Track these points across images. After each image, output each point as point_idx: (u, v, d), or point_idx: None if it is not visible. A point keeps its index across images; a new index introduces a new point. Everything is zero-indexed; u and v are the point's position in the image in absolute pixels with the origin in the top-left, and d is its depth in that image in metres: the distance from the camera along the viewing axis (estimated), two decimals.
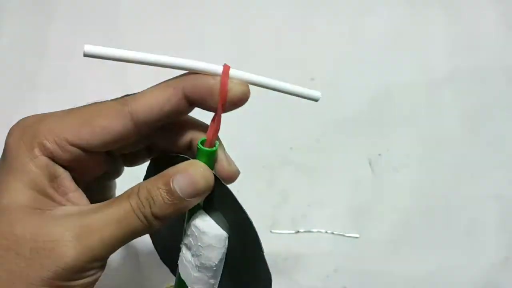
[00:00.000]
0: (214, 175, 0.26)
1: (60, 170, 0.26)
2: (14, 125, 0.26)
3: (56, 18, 0.58)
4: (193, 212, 0.27)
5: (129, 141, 0.27)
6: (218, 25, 0.58)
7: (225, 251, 0.27)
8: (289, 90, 0.27)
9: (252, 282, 0.27)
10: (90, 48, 0.25)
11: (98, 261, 0.24)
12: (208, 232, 0.26)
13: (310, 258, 0.46)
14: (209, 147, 0.26)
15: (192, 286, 0.28)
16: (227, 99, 0.25)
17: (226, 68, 0.25)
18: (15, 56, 0.56)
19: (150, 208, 0.24)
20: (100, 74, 0.52)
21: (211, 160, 0.26)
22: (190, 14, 0.58)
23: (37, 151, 0.25)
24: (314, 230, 0.47)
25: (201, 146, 0.26)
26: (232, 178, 0.28)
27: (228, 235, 0.27)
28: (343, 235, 0.46)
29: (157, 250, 0.35)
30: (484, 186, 0.50)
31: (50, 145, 0.25)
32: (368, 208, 0.48)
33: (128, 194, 0.25)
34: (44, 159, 0.25)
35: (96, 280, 0.25)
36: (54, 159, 0.25)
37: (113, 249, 0.25)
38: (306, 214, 0.48)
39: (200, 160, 0.26)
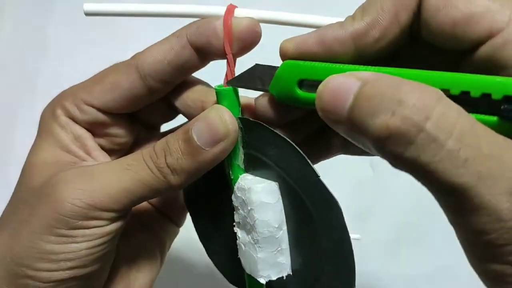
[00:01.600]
0: (244, 118, 0.23)
1: (82, 131, 0.26)
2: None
3: (56, 18, 0.58)
4: (235, 181, 0.24)
5: (140, 97, 0.25)
6: None
7: (282, 209, 0.23)
8: (307, 23, 0.24)
9: (322, 224, 0.22)
10: (89, 7, 0.25)
11: (102, 211, 0.23)
12: (254, 187, 0.23)
13: None
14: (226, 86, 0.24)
15: (260, 274, 0.23)
16: (234, 37, 0.23)
17: (230, 6, 0.24)
18: (15, 56, 0.56)
19: (165, 159, 0.23)
20: None
21: (233, 102, 0.24)
22: None
23: (59, 112, 0.26)
24: None
25: (218, 87, 0.24)
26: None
27: (278, 183, 0.23)
28: None
29: (221, 271, 0.30)
30: None
31: (69, 106, 0.26)
32: (369, 209, 0.48)
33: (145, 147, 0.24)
34: (65, 119, 0.26)
35: (105, 235, 0.23)
36: (74, 119, 0.26)
37: (121, 201, 0.23)
38: None
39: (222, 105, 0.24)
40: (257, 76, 0.23)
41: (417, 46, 0.21)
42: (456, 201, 0.17)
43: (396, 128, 0.17)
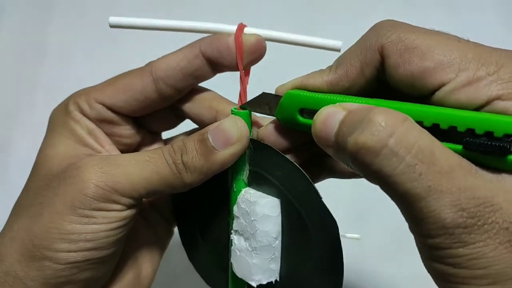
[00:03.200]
0: (255, 139, 0.26)
1: (93, 126, 0.28)
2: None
3: (56, 18, 0.58)
4: (238, 193, 0.27)
5: (150, 100, 0.28)
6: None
7: (280, 222, 0.26)
8: (307, 42, 0.27)
9: (318, 238, 0.25)
10: (114, 20, 0.28)
11: (122, 196, 0.24)
12: (259, 201, 0.26)
13: None
14: (240, 109, 0.27)
15: (252, 278, 0.26)
16: (243, 50, 0.26)
17: (241, 25, 0.27)
18: (15, 56, 0.56)
19: (182, 156, 0.25)
20: (100, 73, 0.52)
21: (247, 123, 0.26)
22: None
23: (72, 108, 0.28)
24: None
25: (234, 109, 0.27)
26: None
27: (280, 200, 0.26)
28: (344, 236, 0.46)
29: (202, 276, 0.33)
30: None
31: (81, 102, 0.28)
32: (369, 209, 0.48)
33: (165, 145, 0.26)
34: (78, 114, 0.28)
35: (122, 219, 0.25)
36: (85, 115, 0.28)
37: (139, 189, 0.24)
38: None
39: None
40: (265, 103, 0.26)
41: (386, 90, 0.24)
42: (411, 209, 0.19)
43: (363, 143, 0.20)
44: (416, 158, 0.19)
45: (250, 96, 0.27)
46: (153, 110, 0.29)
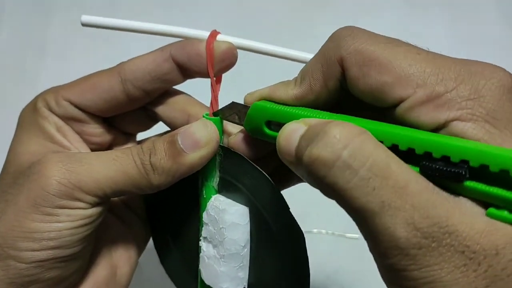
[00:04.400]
0: (226, 147, 0.26)
1: (62, 123, 0.28)
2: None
3: (56, 18, 0.58)
4: (208, 200, 0.27)
5: (118, 101, 0.27)
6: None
7: (249, 231, 0.26)
8: (280, 54, 0.27)
9: (285, 248, 0.25)
10: (86, 19, 0.28)
11: (87, 194, 0.24)
12: (228, 209, 0.25)
13: (310, 259, 0.45)
14: (212, 116, 0.26)
15: (220, 286, 0.26)
16: (214, 56, 0.26)
17: (214, 32, 0.27)
18: (15, 56, 0.56)
19: (150, 157, 0.24)
20: None
21: (218, 130, 0.26)
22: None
23: (40, 105, 0.27)
24: (315, 230, 0.47)
25: (206, 115, 0.26)
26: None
27: (249, 208, 0.26)
28: (344, 236, 0.46)
29: (173, 281, 0.32)
30: None
31: (49, 100, 0.27)
32: None
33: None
34: (46, 111, 0.27)
35: (86, 217, 0.24)
36: (53, 112, 0.27)
37: (104, 188, 0.24)
38: (306, 214, 0.48)
39: None
40: (235, 112, 0.26)
41: (353, 101, 0.24)
42: (367, 226, 0.19)
43: (317, 155, 0.19)
44: (370, 172, 0.18)
45: (222, 102, 0.27)
46: (122, 111, 0.28)
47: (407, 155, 0.20)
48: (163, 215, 0.31)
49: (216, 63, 0.26)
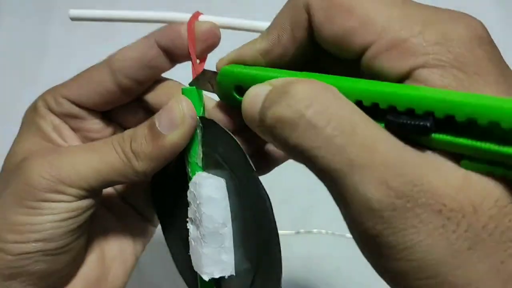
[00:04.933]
0: (203, 117, 0.25)
1: (59, 120, 0.28)
2: None
3: (56, 18, 0.58)
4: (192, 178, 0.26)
5: (110, 93, 0.27)
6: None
7: (228, 206, 0.24)
8: (255, 27, 0.26)
9: (253, 213, 0.23)
10: (74, 13, 0.28)
11: (69, 186, 0.24)
12: (203, 182, 0.24)
13: (311, 259, 0.46)
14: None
15: (204, 271, 0.24)
16: (195, 37, 0.25)
17: (196, 13, 0.27)
18: (15, 56, 0.56)
19: (131, 144, 0.24)
20: None
21: (195, 101, 0.25)
22: None
23: (39, 104, 0.28)
24: (315, 230, 0.47)
25: (183, 88, 0.26)
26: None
27: (225, 181, 0.24)
28: (344, 236, 0.46)
29: (181, 275, 0.31)
30: None
31: (48, 99, 0.28)
32: None
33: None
34: (44, 110, 0.28)
35: (70, 210, 0.24)
36: (51, 111, 0.28)
37: (88, 180, 0.24)
38: (306, 214, 0.48)
39: None
40: (207, 80, 0.25)
41: (322, 55, 0.22)
42: (337, 189, 0.18)
43: (280, 114, 0.18)
44: (335, 130, 0.17)
45: None
46: (117, 104, 0.28)
47: (373, 111, 0.18)
48: (167, 200, 0.30)
49: (198, 44, 0.26)
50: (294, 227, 0.47)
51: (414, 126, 0.17)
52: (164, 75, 0.28)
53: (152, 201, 0.31)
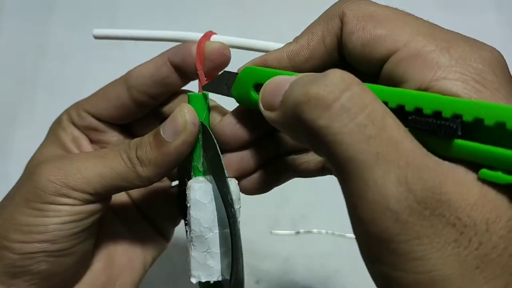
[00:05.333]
0: (202, 123, 0.25)
1: (79, 133, 0.30)
2: None
3: (56, 18, 0.58)
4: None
5: (126, 107, 0.29)
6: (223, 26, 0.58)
7: (214, 211, 0.25)
8: (267, 48, 0.27)
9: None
10: (98, 32, 0.30)
11: (75, 191, 0.25)
12: (193, 185, 0.25)
13: (311, 259, 0.46)
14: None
15: (192, 274, 0.25)
16: (205, 56, 0.27)
17: (209, 32, 0.28)
18: (15, 56, 0.56)
19: (136, 151, 0.25)
20: (99, 73, 0.52)
21: (201, 106, 0.26)
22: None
23: (64, 118, 0.30)
24: (315, 230, 0.47)
25: (190, 94, 0.26)
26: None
27: (212, 186, 0.25)
28: (344, 236, 0.46)
29: None
30: None
31: (72, 112, 0.30)
32: None
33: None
34: (67, 123, 0.30)
35: (74, 214, 0.25)
36: (74, 124, 0.30)
37: (94, 184, 0.25)
38: (306, 214, 0.48)
39: None
40: (224, 82, 0.26)
41: (344, 68, 0.23)
42: (355, 181, 0.17)
43: (315, 93, 0.18)
44: (368, 119, 0.17)
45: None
46: (134, 117, 0.30)
47: (397, 114, 0.18)
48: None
49: (207, 63, 0.27)
50: (294, 227, 0.47)
51: (441, 126, 0.17)
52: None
53: (179, 208, 0.31)
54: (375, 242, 0.17)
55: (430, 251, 0.16)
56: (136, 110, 0.29)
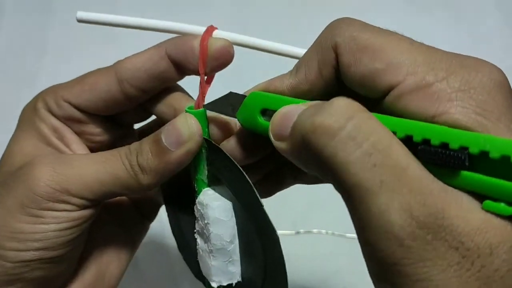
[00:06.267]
0: (208, 139, 0.25)
1: (60, 124, 0.27)
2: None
3: (55, 18, 0.58)
4: (198, 194, 0.27)
5: (116, 101, 0.27)
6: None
7: (235, 226, 0.25)
8: (278, 50, 0.26)
9: (264, 247, 0.24)
10: (82, 15, 0.28)
11: (73, 196, 0.24)
12: (211, 204, 0.25)
13: (311, 259, 0.46)
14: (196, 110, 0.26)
15: (212, 279, 0.26)
16: (208, 54, 0.25)
17: (210, 28, 0.26)
18: (15, 56, 0.56)
19: (137, 158, 0.24)
20: None
21: (201, 123, 0.25)
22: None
23: (39, 106, 0.27)
24: (315, 230, 0.47)
25: (188, 109, 0.26)
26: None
27: (232, 204, 0.25)
28: (344, 236, 0.46)
29: (188, 265, 0.32)
30: None
31: (49, 100, 0.27)
32: None
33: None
34: (44, 112, 0.27)
35: (72, 220, 0.24)
36: (52, 113, 0.27)
37: (94, 191, 0.24)
38: (306, 214, 0.48)
39: None
40: (230, 103, 0.25)
41: (347, 93, 0.23)
42: (360, 207, 0.18)
43: (320, 122, 0.18)
44: (373, 147, 0.17)
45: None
46: (122, 110, 0.28)
47: (405, 144, 0.19)
48: (177, 204, 0.31)
49: (210, 61, 0.25)
50: (294, 227, 0.47)
51: (449, 156, 0.18)
52: None
53: (165, 204, 0.31)
54: (381, 264, 0.18)
55: (433, 273, 0.17)
56: (125, 103, 0.27)
